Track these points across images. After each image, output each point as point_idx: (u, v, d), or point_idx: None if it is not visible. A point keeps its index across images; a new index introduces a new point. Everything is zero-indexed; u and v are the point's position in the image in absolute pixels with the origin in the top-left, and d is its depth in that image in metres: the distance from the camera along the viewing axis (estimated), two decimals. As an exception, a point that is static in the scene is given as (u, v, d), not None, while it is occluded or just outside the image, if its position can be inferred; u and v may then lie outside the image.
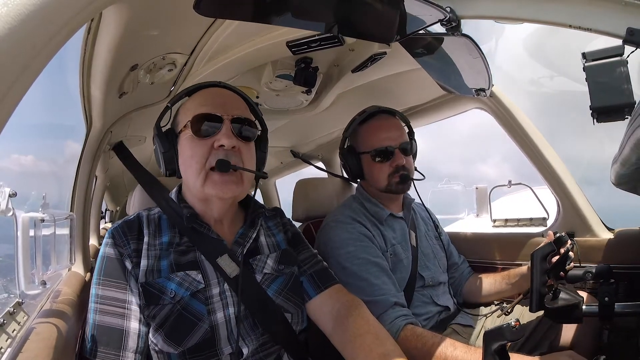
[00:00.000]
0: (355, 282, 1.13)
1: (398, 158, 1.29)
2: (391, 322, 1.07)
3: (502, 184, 2.09)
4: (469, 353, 0.93)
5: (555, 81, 61.64)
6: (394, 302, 1.10)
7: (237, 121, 0.88)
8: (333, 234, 1.24)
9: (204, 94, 0.93)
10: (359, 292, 1.05)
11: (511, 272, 1.34)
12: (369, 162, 1.32)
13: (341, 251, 1.19)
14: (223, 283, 0.86)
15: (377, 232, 1.27)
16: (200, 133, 0.86)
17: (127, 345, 0.79)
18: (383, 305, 1.09)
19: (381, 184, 1.30)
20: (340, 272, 1.14)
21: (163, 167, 0.92)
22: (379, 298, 1.10)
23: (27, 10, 0.35)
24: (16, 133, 0.73)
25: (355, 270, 1.15)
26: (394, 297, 1.12)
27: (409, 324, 1.07)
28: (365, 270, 1.15)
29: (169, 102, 0.95)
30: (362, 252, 1.18)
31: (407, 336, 1.03)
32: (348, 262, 1.16)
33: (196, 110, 0.88)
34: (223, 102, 0.90)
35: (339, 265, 1.16)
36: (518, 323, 0.66)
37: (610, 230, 1.38)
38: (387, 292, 1.12)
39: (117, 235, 0.86)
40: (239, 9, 0.74)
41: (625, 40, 0.60)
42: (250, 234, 0.94)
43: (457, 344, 0.97)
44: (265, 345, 0.86)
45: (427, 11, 0.73)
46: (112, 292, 0.81)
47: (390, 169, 1.28)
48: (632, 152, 0.65)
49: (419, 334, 1.03)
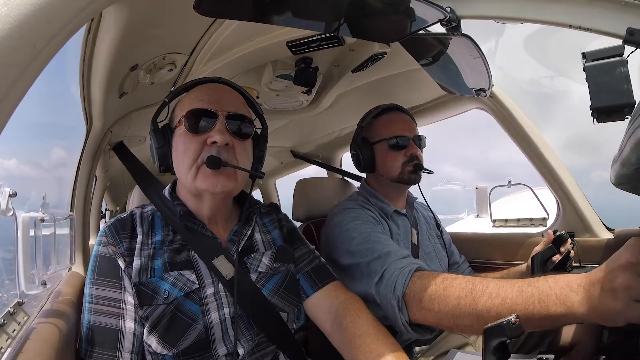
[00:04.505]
0: (366, 245, 1.07)
1: (412, 147, 1.30)
2: (403, 267, 0.95)
3: (502, 184, 2.08)
4: (502, 282, 0.76)
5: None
6: (407, 254, 1.03)
7: (232, 117, 0.86)
8: (341, 216, 1.21)
9: (201, 89, 0.91)
10: (370, 251, 1.02)
11: (510, 270, 1.34)
12: (383, 150, 1.32)
13: (349, 225, 1.15)
14: (217, 283, 0.85)
15: (384, 223, 1.26)
16: (194, 128, 0.84)
17: (123, 346, 0.78)
18: (395, 254, 1.01)
19: (394, 173, 1.30)
20: (349, 243, 1.11)
21: (157, 163, 0.91)
22: (392, 249, 1.03)
23: (27, 10, 0.35)
24: (16, 133, 0.73)
25: (365, 236, 1.10)
26: (406, 251, 1.05)
27: (422, 269, 0.95)
28: (374, 235, 1.10)
29: (167, 97, 0.93)
30: (369, 226, 1.15)
31: (423, 275, 0.91)
32: (356, 232, 1.13)
33: (191, 105, 0.86)
34: (219, 97, 0.88)
35: (347, 238, 1.13)
36: (518, 320, 0.65)
37: (610, 231, 1.38)
38: (399, 247, 1.07)
39: (109, 234, 0.85)
40: (239, 9, 0.73)
41: (625, 40, 0.60)
42: (245, 231, 0.93)
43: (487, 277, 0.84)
44: (261, 346, 0.86)
45: (427, 11, 0.73)
46: (106, 292, 0.80)
47: (405, 158, 1.29)
48: (632, 152, 0.65)
49: (436, 273, 0.90)
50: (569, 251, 1.08)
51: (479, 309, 0.74)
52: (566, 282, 0.65)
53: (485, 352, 0.67)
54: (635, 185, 0.79)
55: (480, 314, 0.74)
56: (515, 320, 0.64)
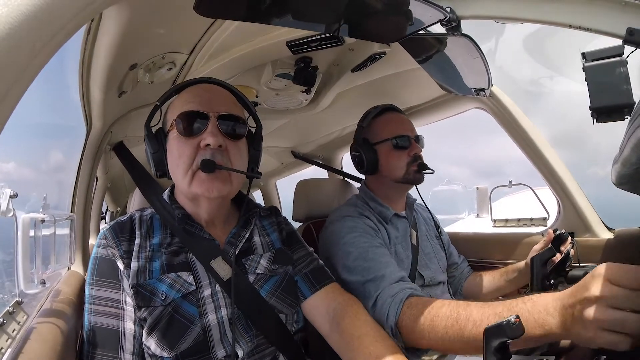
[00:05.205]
0: (362, 263, 1.09)
1: (415, 147, 1.30)
2: (395, 294, 0.99)
3: (503, 184, 2.09)
4: (484, 308, 0.80)
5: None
6: (400, 277, 1.06)
7: (224, 118, 0.85)
8: (339, 225, 1.22)
9: (191, 91, 0.90)
10: (366, 271, 1.04)
11: (509, 268, 1.34)
12: (386, 151, 1.31)
13: (346, 239, 1.17)
14: (215, 285, 0.85)
15: (382, 229, 1.26)
16: (187, 131, 0.84)
17: (124, 347, 0.78)
18: (389, 278, 1.04)
19: (399, 173, 1.30)
20: (346, 258, 1.12)
21: (153, 169, 0.91)
22: (386, 271, 1.06)
23: (27, 10, 0.35)
24: (14, 133, 0.73)
25: (361, 252, 1.12)
26: (400, 273, 1.07)
27: (413, 295, 0.99)
28: (371, 251, 1.12)
29: (158, 100, 0.92)
30: (367, 238, 1.17)
31: (412, 303, 0.94)
32: (353, 247, 1.14)
33: (182, 107, 0.86)
34: (210, 98, 0.87)
35: (344, 252, 1.14)
36: (518, 320, 0.65)
37: (610, 230, 1.38)
38: (394, 268, 1.09)
39: (109, 236, 0.85)
40: (239, 10, 0.73)
41: (625, 40, 0.60)
42: (244, 233, 0.93)
43: (470, 302, 0.86)
44: (260, 347, 0.85)
45: (427, 11, 0.73)
46: (105, 292, 0.81)
47: (409, 158, 1.29)
48: (633, 152, 0.65)
49: (425, 301, 0.94)
50: (568, 251, 1.08)
51: (466, 336, 0.77)
52: (543, 306, 0.67)
53: (486, 352, 0.66)
54: (635, 185, 0.79)
55: (468, 341, 0.77)
56: (515, 321, 0.64)
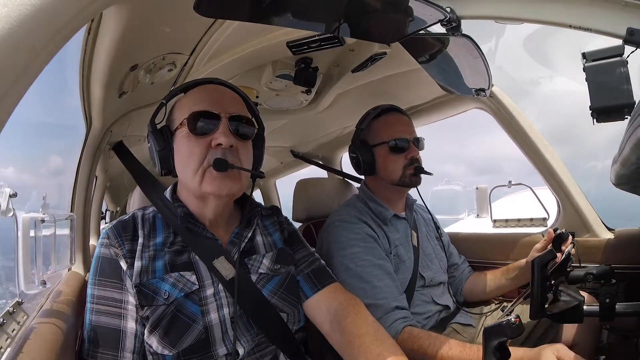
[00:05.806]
0: (358, 283, 1.13)
1: (413, 150, 1.30)
2: (390, 325, 1.07)
3: (502, 184, 2.08)
4: (464, 351, 0.95)
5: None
6: (395, 306, 1.11)
7: (234, 119, 0.87)
8: (338, 233, 1.23)
9: (201, 91, 0.91)
10: (361, 294, 1.05)
11: (510, 266, 1.35)
12: (384, 153, 1.31)
13: (346, 252, 1.18)
14: (217, 284, 0.85)
15: (381, 234, 1.27)
16: (198, 131, 0.85)
17: (125, 346, 0.78)
18: (384, 308, 1.10)
19: (395, 176, 1.30)
20: (344, 272, 1.14)
21: (158, 166, 0.91)
22: (381, 302, 1.11)
23: (27, 10, 0.35)
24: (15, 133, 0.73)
25: (359, 271, 1.15)
26: (395, 301, 1.12)
27: (407, 326, 1.08)
28: (369, 272, 1.15)
29: (164, 98, 0.93)
30: (367, 254, 1.18)
31: (405, 339, 1.05)
32: (352, 263, 1.16)
33: (193, 107, 0.86)
34: (220, 99, 0.88)
35: (342, 266, 1.16)
36: (518, 319, 0.66)
37: (610, 230, 1.38)
38: (389, 295, 1.13)
39: (112, 236, 0.85)
40: (239, 10, 0.73)
41: (625, 40, 0.60)
42: (246, 233, 0.94)
43: (452, 343, 0.99)
44: (261, 346, 0.86)
45: (427, 11, 0.73)
46: (108, 292, 0.81)
47: (406, 161, 1.29)
48: (632, 152, 0.65)
49: (416, 335, 1.05)
50: (569, 253, 1.08)
51: None
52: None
53: (486, 352, 0.67)
54: (635, 185, 0.79)
55: None
56: (515, 320, 0.64)
